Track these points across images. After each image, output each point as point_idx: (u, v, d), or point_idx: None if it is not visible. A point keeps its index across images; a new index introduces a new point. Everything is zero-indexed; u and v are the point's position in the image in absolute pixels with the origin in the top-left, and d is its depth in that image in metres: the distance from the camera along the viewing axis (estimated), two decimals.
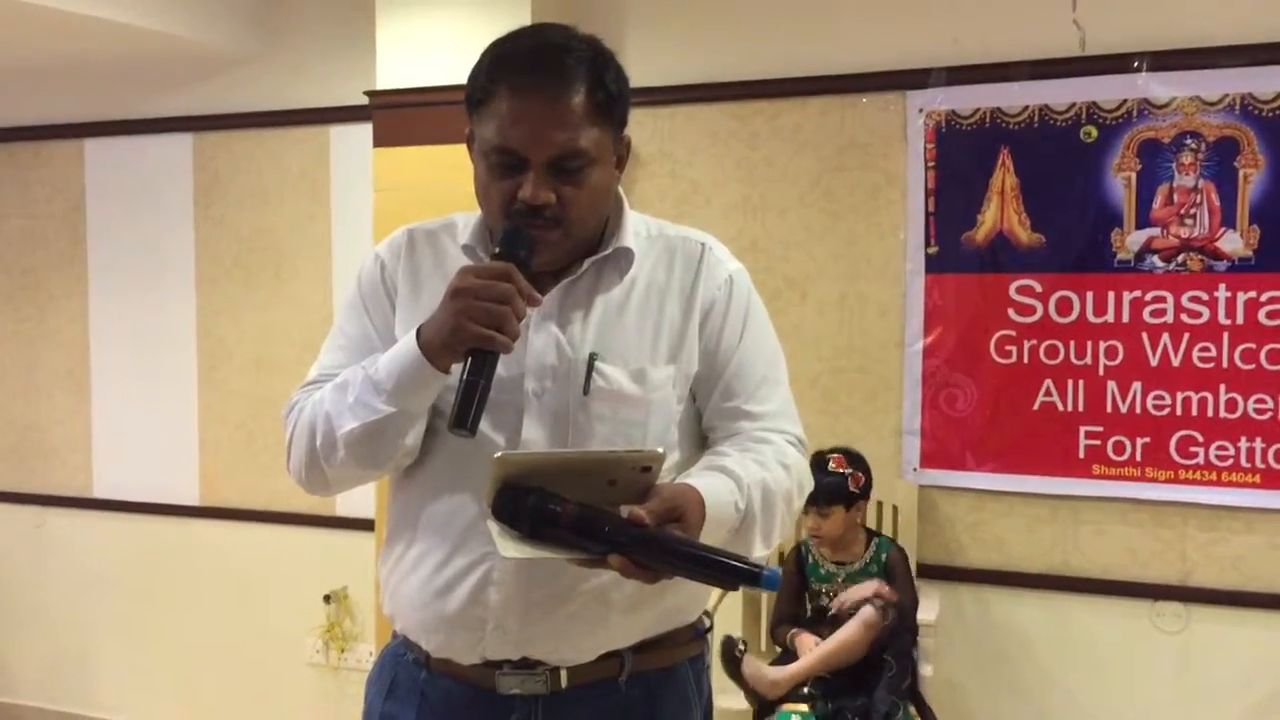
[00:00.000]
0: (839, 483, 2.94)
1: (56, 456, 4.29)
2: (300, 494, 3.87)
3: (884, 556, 3.00)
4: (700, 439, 1.61)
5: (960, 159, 3.17)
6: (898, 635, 2.85)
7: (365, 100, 3.53)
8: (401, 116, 3.44)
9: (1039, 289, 3.12)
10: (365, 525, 3.70)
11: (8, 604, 4.39)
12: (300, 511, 3.90)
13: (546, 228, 1.45)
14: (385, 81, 3.47)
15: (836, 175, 3.30)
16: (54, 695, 4.34)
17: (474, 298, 1.37)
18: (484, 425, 1.41)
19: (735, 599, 3.14)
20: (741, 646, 2.84)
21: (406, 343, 1.43)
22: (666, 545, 1.29)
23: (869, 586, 2.89)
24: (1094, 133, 3.07)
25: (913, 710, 2.84)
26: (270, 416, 3.96)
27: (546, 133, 1.42)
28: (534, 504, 1.32)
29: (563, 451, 1.46)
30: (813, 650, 2.84)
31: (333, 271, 3.87)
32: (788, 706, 2.82)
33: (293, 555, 3.95)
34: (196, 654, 4.12)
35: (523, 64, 1.45)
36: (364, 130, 3.60)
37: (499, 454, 1.33)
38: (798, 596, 3.04)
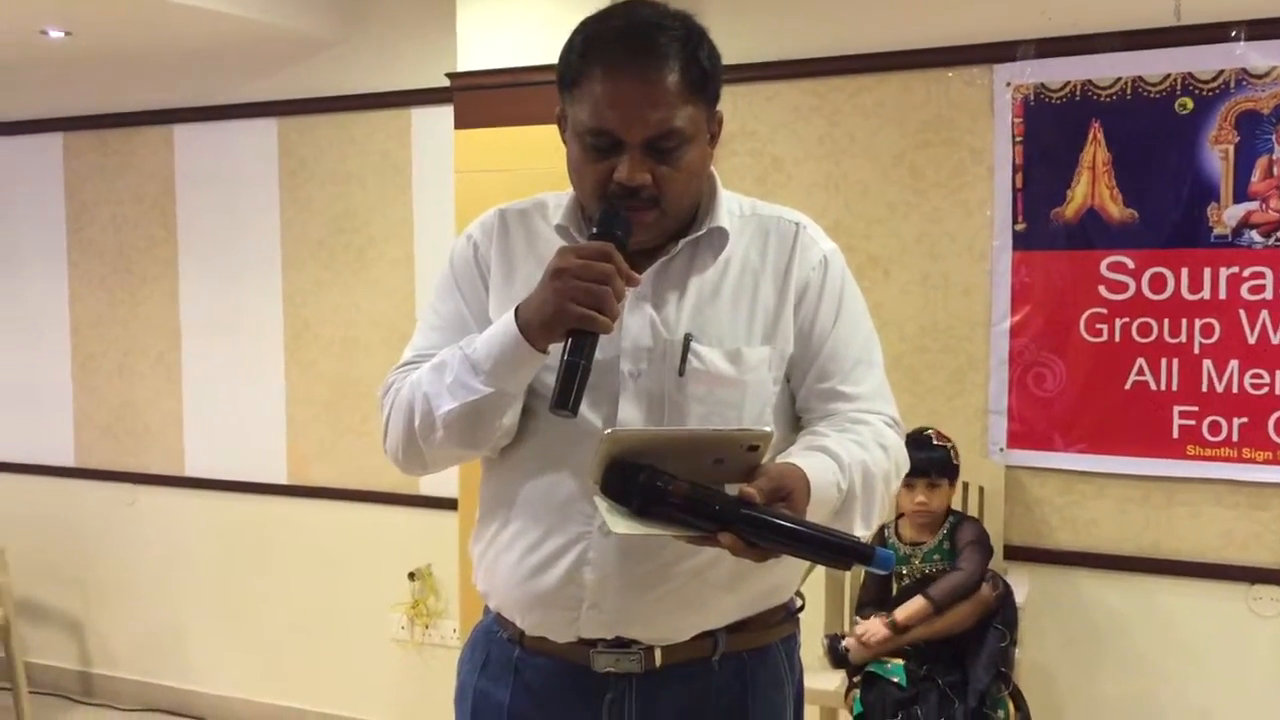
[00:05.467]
0: (946, 455, 2.94)
1: (149, 436, 4.40)
2: (385, 473, 3.98)
3: (955, 534, 2.96)
4: (794, 421, 1.60)
5: (1049, 133, 3.10)
6: (1006, 606, 2.84)
7: (446, 82, 3.56)
8: (482, 98, 3.46)
9: (1132, 266, 3.05)
10: (449, 504, 3.74)
11: (104, 579, 4.52)
12: (385, 490, 3.96)
13: (643, 208, 1.45)
14: (466, 63, 3.49)
15: (920, 151, 3.25)
16: (148, 668, 4.47)
17: (574, 278, 1.37)
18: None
19: (817, 581, 3.12)
20: (845, 644, 2.85)
21: (504, 323, 1.44)
22: (780, 524, 1.29)
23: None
24: (1189, 104, 2.98)
25: (1004, 693, 2.81)
26: (355, 396, 4.02)
27: (642, 113, 1.42)
28: (644, 481, 1.32)
29: (671, 429, 1.46)
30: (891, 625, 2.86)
31: (415, 253, 3.91)
32: (885, 657, 2.84)
33: (377, 533, 4.01)
34: (284, 629, 4.21)
35: (616, 44, 1.44)
36: (445, 112, 3.63)
37: (609, 431, 1.33)
38: (883, 580, 3.02)
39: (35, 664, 4.52)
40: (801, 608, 1.68)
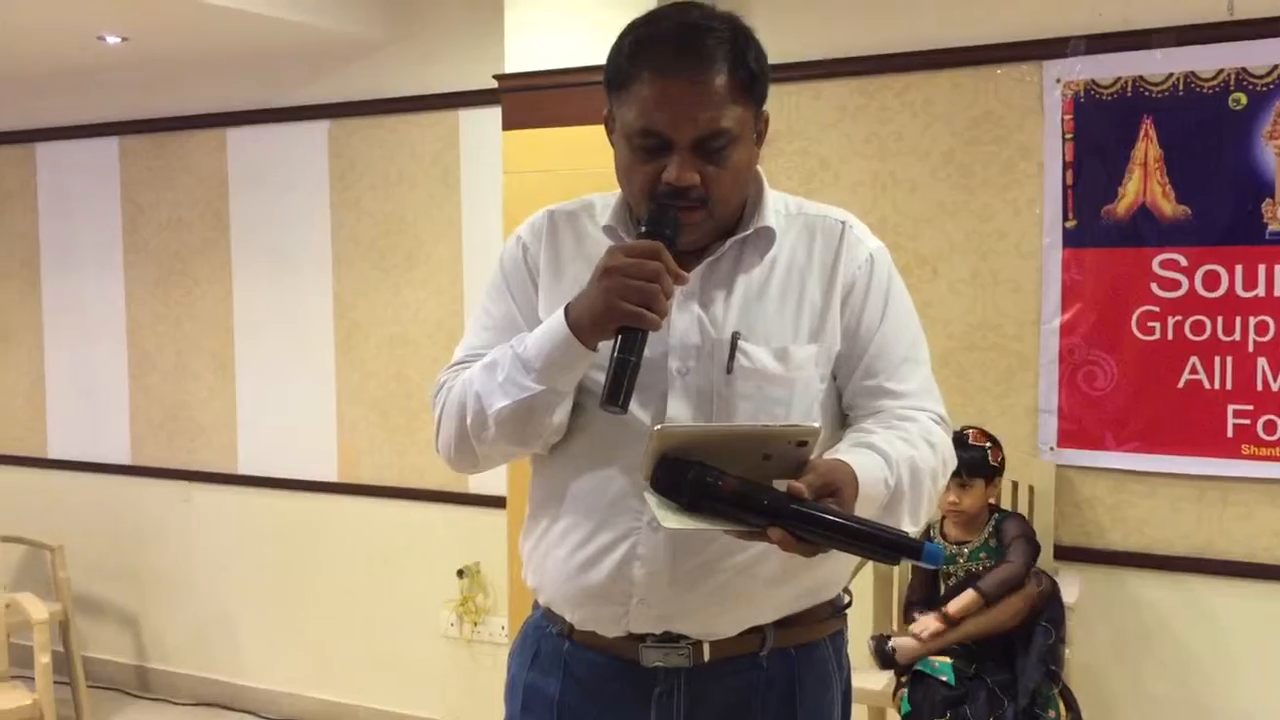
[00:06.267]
0: (980, 456, 2.93)
1: (203, 434, 4.48)
2: (433, 471, 4.01)
3: (1000, 530, 2.96)
4: (841, 418, 1.61)
5: (1100, 130, 3.08)
6: (1052, 603, 2.83)
7: (494, 84, 3.59)
8: (530, 99, 3.48)
9: (1184, 263, 3.01)
10: (497, 502, 3.77)
11: (159, 575, 4.61)
12: (433, 488, 4.00)
13: (691, 208, 1.47)
14: (514, 65, 3.52)
15: (969, 149, 3.24)
16: (202, 663, 4.54)
17: (624, 276, 1.39)
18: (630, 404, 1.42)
19: (865, 580, 3.12)
20: (891, 645, 2.85)
21: (555, 321, 1.46)
22: (828, 519, 1.30)
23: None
24: (1243, 100, 2.94)
25: (1054, 692, 2.80)
26: (404, 395, 4.06)
27: (691, 114, 1.43)
28: (694, 477, 1.33)
29: (720, 425, 1.48)
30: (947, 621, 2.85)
31: (463, 253, 3.95)
32: (935, 658, 2.83)
33: (427, 530, 4.06)
34: (335, 625, 4.26)
35: (664, 46, 1.46)
36: (493, 114, 3.66)
37: (659, 427, 1.34)
38: (930, 579, 3.02)
39: (93, 658, 4.62)
40: (849, 604, 1.68)
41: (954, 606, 2.84)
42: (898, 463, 1.46)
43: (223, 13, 3.53)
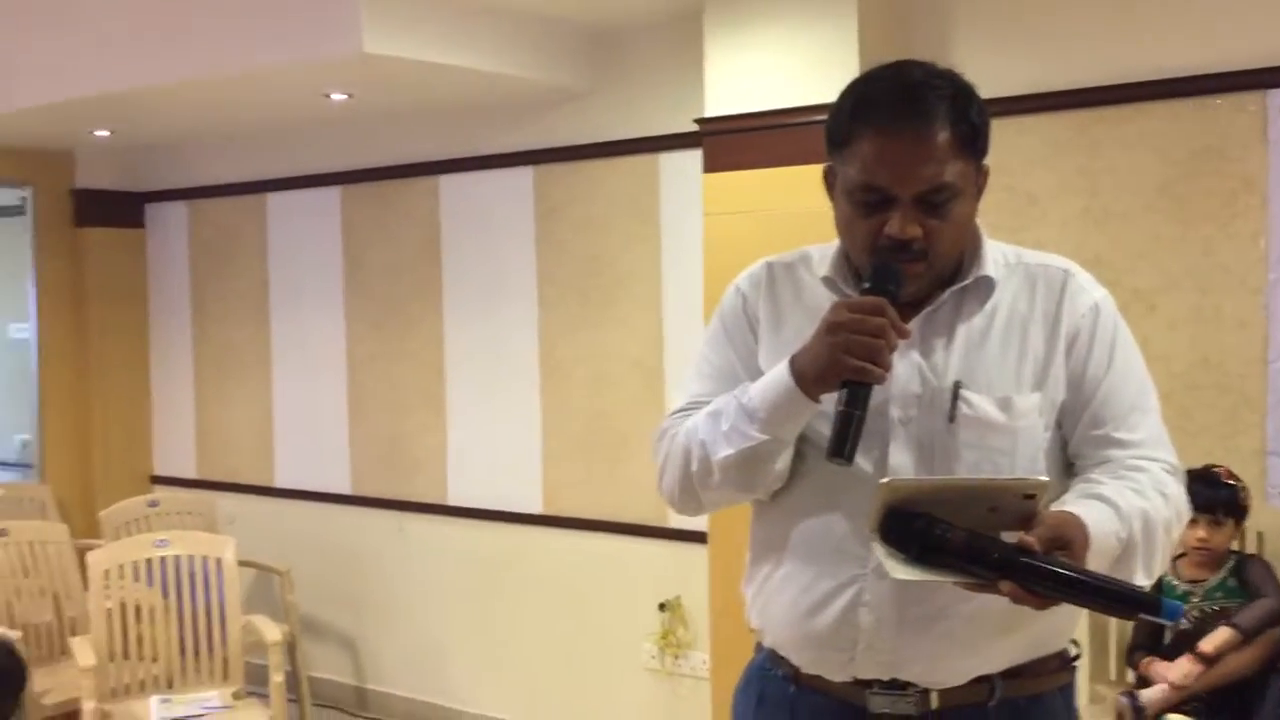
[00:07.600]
0: (1234, 495, 2.86)
1: (417, 467, 4.70)
2: (635, 505, 4.08)
3: (1242, 571, 2.85)
4: (1065, 467, 1.59)
5: None
6: None
7: (693, 127, 3.66)
8: (729, 142, 3.54)
9: None
10: (698, 537, 3.81)
11: (377, 600, 4.85)
12: (635, 522, 4.07)
13: (913, 261, 1.49)
14: (714, 108, 3.59)
15: (1187, 182, 3.13)
16: (415, 685, 4.75)
17: (850, 332, 1.42)
18: None
19: (1080, 624, 3.02)
20: (1141, 703, 2.79)
21: (779, 373, 1.50)
22: (1061, 573, 1.29)
23: None
24: None
25: None
26: (605, 430, 4.17)
27: (914, 170, 1.46)
28: (922, 529, 1.36)
29: (948, 479, 1.48)
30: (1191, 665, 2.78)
31: (662, 292, 4.03)
32: (1170, 715, 2.76)
33: (628, 563, 4.14)
34: (540, 653, 4.39)
35: (887, 104, 1.49)
36: (692, 156, 3.74)
37: (885, 480, 1.37)
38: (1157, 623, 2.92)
39: (316, 678, 4.88)
40: (1078, 656, 1.66)
41: (1209, 645, 2.74)
42: (1129, 515, 1.44)
43: (440, 70, 3.73)
